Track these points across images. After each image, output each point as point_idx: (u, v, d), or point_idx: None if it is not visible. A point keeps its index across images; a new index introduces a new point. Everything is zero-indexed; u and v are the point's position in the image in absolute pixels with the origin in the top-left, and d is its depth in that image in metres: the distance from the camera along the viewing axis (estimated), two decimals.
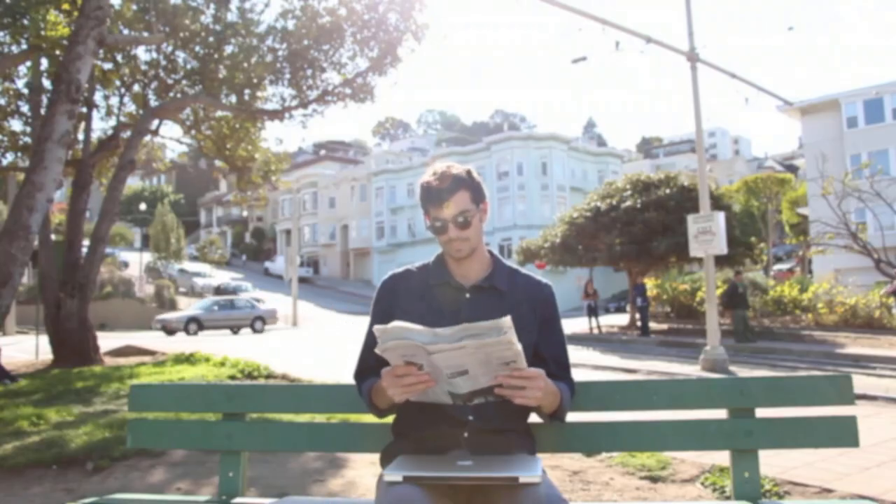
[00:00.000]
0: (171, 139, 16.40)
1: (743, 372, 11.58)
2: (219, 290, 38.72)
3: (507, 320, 1.55)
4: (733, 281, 16.99)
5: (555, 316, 2.00)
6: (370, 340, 2.00)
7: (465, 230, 1.88)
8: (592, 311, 21.02)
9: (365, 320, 2.06)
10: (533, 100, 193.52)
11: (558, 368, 1.97)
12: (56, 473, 4.17)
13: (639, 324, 19.73)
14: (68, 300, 10.38)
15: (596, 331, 20.61)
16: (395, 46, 12.06)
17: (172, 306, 32.37)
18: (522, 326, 1.91)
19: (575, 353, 14.72)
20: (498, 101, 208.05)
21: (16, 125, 12.43)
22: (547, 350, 1.96)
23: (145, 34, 11.62)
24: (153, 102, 12.77)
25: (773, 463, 3.87)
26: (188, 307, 28.75)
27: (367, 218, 54.89)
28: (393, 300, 1.97)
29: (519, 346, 1.60)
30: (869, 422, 5.38)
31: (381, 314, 1.98)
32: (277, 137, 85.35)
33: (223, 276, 44.60)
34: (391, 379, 1.67)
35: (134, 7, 11.86)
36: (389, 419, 1.98)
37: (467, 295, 1.93)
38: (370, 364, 1.98)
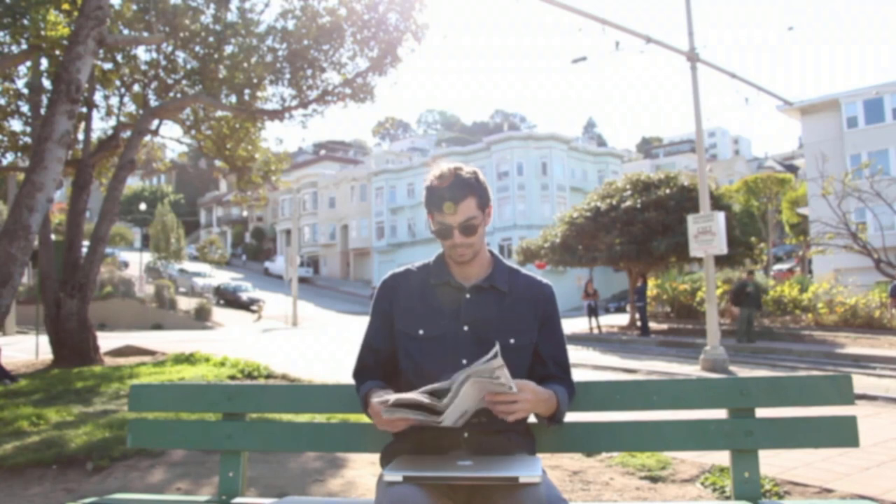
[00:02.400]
0: (171, 139, 16.39)
1: (743, 372, 11.57)
2: (219, 291, 38.70)
3: (497, 361, 1.58)
4: (744, 279, 16.99)
5: (555, 316, 2.00)
6: (369, 340, 2.01)
7: (470, 237, 1.88)
8: (592, 311, 21.04)
9: (365, 320, 2.06)
10: (533, 100, 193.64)
11: (558, 369, 1.97)
12: (56, 473, 4.17)
13: (639, 324, 19.74)
14: (68, 300, 10.38)
15: (596, 331, 20.62)
16: (395, 46, 12.05)
17: (172, 306, 32.36)
18: (522, 326, 1.92)
19: (575, 353, 14.73)
20: (498, 101, 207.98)
21: (16, 125, 12.42)
22: (547, 350, 1.96)
23: (145, 34, 11.61)
24: (153, 102, 12.77)
25: (773, 463, 3.88)
26: None
27: (367, 218, 54.88)
28: (393, 300, 1.97)
29: (509, 382, 1.63)
30: (869, 422, 5.38)
31: (381, 314, 1.98)
32: (277, 137, 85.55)
33: (223, 276, 44.59)
34: (378, 418, 1.71)
35: (134, 7, 11.86)
36: None
37: (467, 295, 1.93)
38: (369, 364, 2.00)
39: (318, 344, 15.96)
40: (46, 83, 11.14)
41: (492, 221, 3.23)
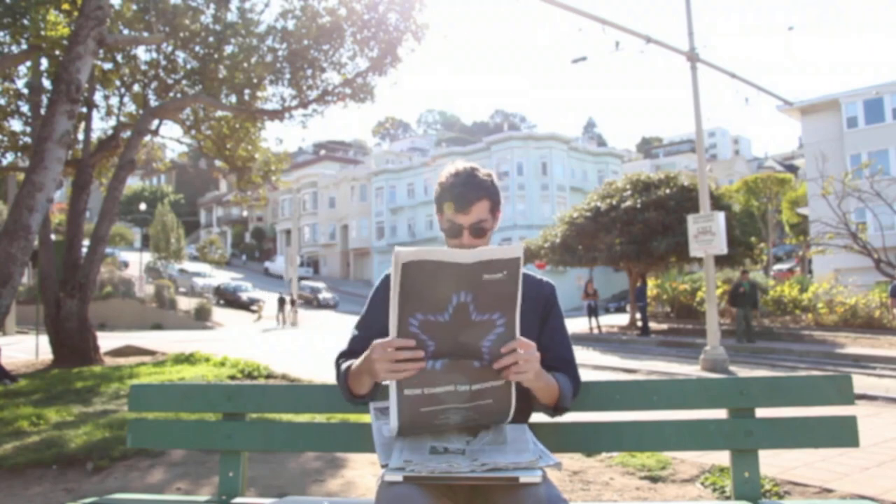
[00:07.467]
0: (171, 139, 16.38)
1: (743, 372, 11.57)
2: (219, 291, 38.69)
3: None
4: (738, 280, 17.09)
5: (557, 314, 2.00)
6: (360, 331, 1.97)
7: (478, 239, 1.87)
8: (592, 311, 21.04)
9: None
10: (533, 100, 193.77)
11: (563, 365, 1.97)
12: (56, 473, 4.17)
13: (639, 324, 19.74)
14: (68, 300, 10.37)
15: (596, 331, 20.62)
16: (395, 46, 12.06)
17: (172, 306, 32.36)
18: (523, 325, 1.91)
19: (575, 353, 14.68)
20: (498, 101, 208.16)
21: (16, 125, 12.44)
22: (550, 347, 1.96)
23: (145, 34, 11.61)
24: (153, 102, 12.77)
25: (773, 463, 3.87)
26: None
27: (367, 218, 54.90)
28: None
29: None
30: (869, 422, 5.38)
31: (380, 303, 1.96)
32: (277, 137, 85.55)
33: (223, 276, 44.58)
34: (382, 351, 1.54)
35: (134, 7, 11.86)
36: None
37: None
38: (357, 350, 1.97)
39: (318, 344, 15.96)
40: (46, 83, 11.15)
41: None
